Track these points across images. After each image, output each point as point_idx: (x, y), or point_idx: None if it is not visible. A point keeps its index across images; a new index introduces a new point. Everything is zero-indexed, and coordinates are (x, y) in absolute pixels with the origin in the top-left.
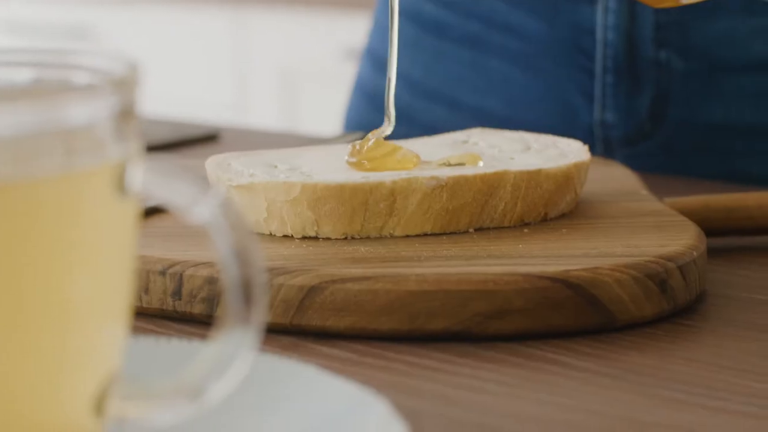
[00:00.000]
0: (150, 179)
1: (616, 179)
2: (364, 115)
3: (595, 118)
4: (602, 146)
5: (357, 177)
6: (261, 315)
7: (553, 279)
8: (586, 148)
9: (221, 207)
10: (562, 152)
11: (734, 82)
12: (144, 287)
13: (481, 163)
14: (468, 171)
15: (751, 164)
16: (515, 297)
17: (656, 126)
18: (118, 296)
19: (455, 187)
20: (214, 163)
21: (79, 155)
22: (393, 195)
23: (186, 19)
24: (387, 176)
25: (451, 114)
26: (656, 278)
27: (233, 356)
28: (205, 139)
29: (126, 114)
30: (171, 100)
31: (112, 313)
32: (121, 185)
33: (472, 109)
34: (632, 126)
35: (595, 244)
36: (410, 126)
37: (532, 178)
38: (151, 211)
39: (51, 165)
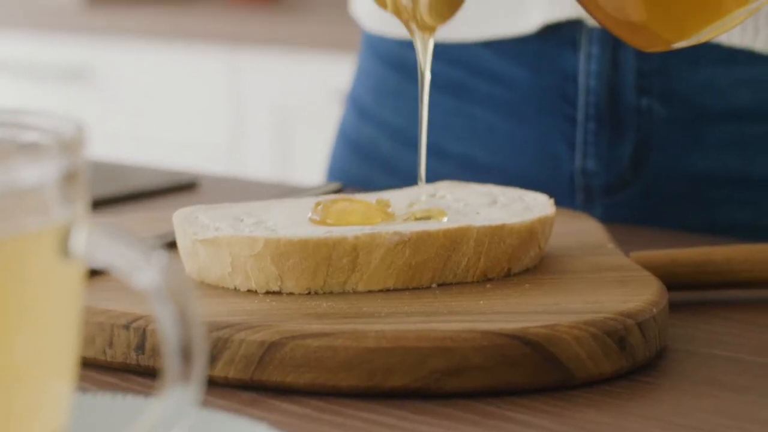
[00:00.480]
0: (93, 242)
1: (582, 232)
2: (347, 163)
3: (577, 166)
4: (583, 194)
5: (320, 232)
6: (201, 376)
7: (512, 336)
8: (551, 202)
9: (163, 271)
10: (527, 206)
11: (716, 130)
12: (108, 341)
13: (445, 219)
14: (431, 226)
15: (732, 213)
16: (473, 354)
17: (637, 174)
18: (63, 355)
19: (418, 242)
20: (181, 216)
21: (25, 217)
22: (356, 250)
23: (181, 60)
24: (350, 231)
25: (435, 162)
26: (615, 335)
27: (174, 415)
28: (183, 188)
29: (72, 176)
30: (164, 140)
31: (56, 373)
32: (65, 248)
33: (456, 158)
34: (613, 174)
35: (556, 300)
36: (392, 175)
37: (496, 233)
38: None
39: None
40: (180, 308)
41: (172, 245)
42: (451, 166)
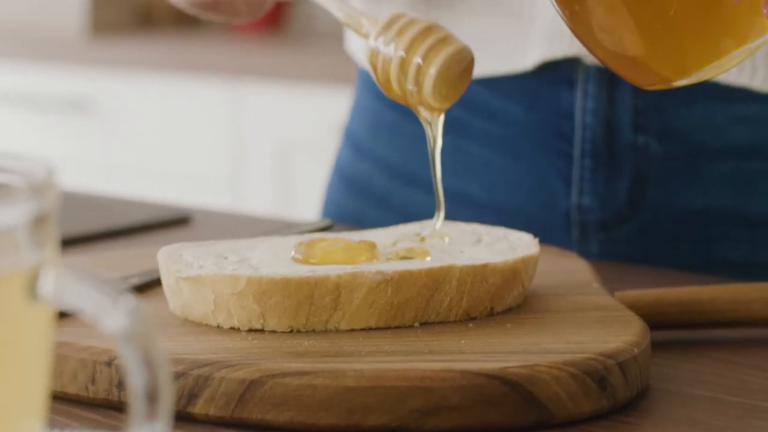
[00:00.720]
0: (61, 285)
1: (569, 271)
2: (342, 198)
3: (572, 203)
4: (579, 231)
5: (303, 271)
6: (166, 415)
7: (490, 376)
8: (536, 241)
9: (129, 315)
10: (511, 246)
11: (713, 167)
12: (91, 377)
13: (428, 258)
14: (413, 265)
15: (728, 250)
16: (452, 394)
17: (634, 211)
18: (32, 396)
19: (400, 281)
20: (165, 253)
21: None
22: (338, 289)
23: (183, 92)
24: (332, 270)
25: (430, 198)
26: (595, 375)
27: None
28: (176, 222)
29: (42, 219)
30: (164, 172)
31: (26, 412)
32: (33, 290)
33: (450, 193)
34: (609, 210)
35: (537, 340)
36: (387, 210)
37: (478, 272)
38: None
39: None
40: (145, 351)
41: (158, 282)
42: (446, 201)
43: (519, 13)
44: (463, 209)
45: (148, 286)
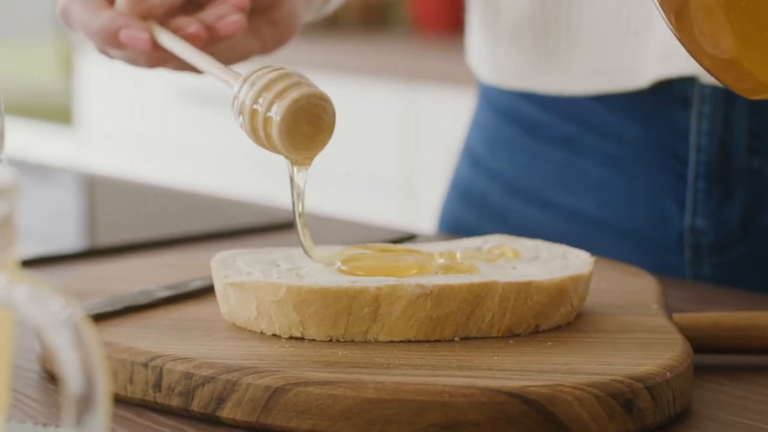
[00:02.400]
0: (11, 294)
1: (632, 291)
2: (458, 212)
3: (686, 224)
4: (691, 253)
5: (343, 281)
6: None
7: (511, 394)
8: (591, 260)
9: (72, 331)
10: (567, 264)
11: None
12: (129, 377)
13: (475, 273)
14: (454, 280)
15: None
16: (471, 410)
17: (747, 234)
18: None
19: (440, 295)
20: (220, 258)
21: None
22: (377, 301)
23: (361, 94)
24: (372, 282)
25: (544, 215)
26: (620, 398)
27: None
28: (281, 227)
29: (5, 223)
30: (335, 172)
31: None
32: None
33: (565, 210)
34: (722, 233)
35: (568, 360)
36: (502, 225)
37: (522, 290)
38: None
39: None
40: (86, 368)
41: None
42: (559, 217)
43: (635, 31)
44: (576, 227)
45: (210, 289)
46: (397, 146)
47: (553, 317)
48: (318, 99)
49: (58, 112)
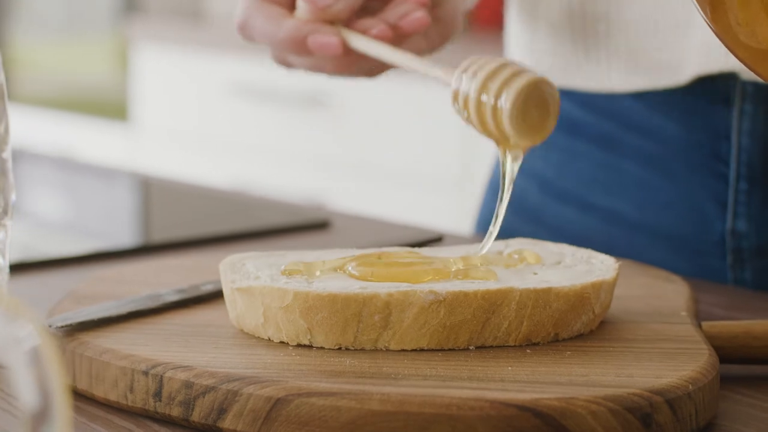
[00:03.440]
0: None
1: (662, 297)
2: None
3: (727, 227)
4: (733, 257)
5: (353, 287)
6: None
7: (521, 407)
8: (617, 265)
9: (28, 353)
10: (590, 269)
11: None
12: (129, 386)
13: (492, 279)
14: (469, 286)
15: None
16: (479, 424)
17: None
18: None
19: (454, 302)
20: (229, 262)
21: None
22: (388, 308)
23: (414, 89)
24: (383, 288)
25: (581, 215)
26: (638, 412)
27: None
28: (315, 227)
29: None
30: (391, 168)
31: None
32: None
33: (603, 211)
34: (765, 236)
35: (586, 371)
36: (539, 226)
37: (540, 297)
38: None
39: None
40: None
41: None
42: (597, 219)
43: (675, 26)
44: (614, 229)
45: (221, 294)
46: (457, 144)
47: (574, 325)
48: (544, 84)
49: (113, 108)
